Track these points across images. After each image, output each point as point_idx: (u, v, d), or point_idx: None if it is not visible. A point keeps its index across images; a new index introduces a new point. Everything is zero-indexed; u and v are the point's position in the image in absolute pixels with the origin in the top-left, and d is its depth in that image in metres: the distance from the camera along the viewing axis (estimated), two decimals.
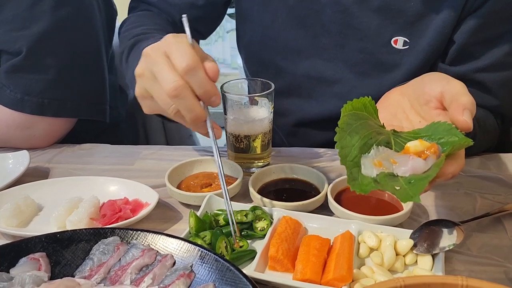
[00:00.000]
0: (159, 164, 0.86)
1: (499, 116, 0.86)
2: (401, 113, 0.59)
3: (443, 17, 0.78)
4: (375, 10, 0.81)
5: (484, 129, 0.80)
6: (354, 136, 0.52)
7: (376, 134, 0.54)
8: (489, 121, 0.83)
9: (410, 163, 0.49)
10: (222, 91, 0.77)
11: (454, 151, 0.50)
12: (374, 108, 0.56)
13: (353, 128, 0.53)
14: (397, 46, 0.82)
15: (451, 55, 0.81)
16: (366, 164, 0.50)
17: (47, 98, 0.87)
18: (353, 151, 0.51)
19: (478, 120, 0.79)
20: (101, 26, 0.95)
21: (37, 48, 0.85)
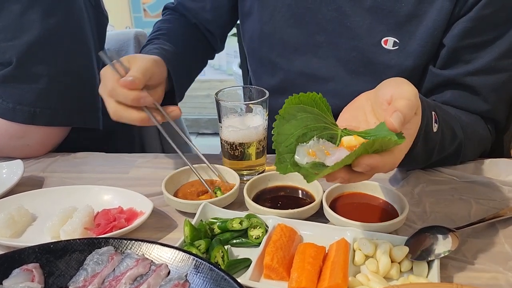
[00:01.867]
0: (154, 172, 0.85)
1: (491, 121, 0.86)
2: (361, 115, 0.59)
3: (433, 19, 0.79)
4: (367, 10, 0.82)
5: (472, 136, 0.80)
6: (294, 125, 0.54)
7: (323, 128, 0.55)
8: (478, 128, 0.83)
9: (337, 154, 0.50)
10: (216, 99, 0.77)
11: (379, 147, 0.49)
12: (327, 105, 0.57)
13: (296, 119, 0.54)
14: (387, 46, 0.83)
15: (442, 59, 0.82)
16: (300, 152, 0.52)
17: (39, 107, 0.87)
18: (290, 138, 0.54)
19: (466, 127, 0.79)
20: (91, 33, 0.95)
21: (27, 58, 0.85)
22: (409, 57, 0.82)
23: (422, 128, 0.66)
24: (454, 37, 0.79)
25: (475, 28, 0.78)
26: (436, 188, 0.77)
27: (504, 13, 0.77)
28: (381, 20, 0.82)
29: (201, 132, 3.21)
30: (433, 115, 0.69)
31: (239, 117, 0.78)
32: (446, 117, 0.75)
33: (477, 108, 0.83)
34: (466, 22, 0.78)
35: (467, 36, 0.78)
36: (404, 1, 0.80)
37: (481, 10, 0.76)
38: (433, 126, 0.69)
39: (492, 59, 0.79)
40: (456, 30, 0.79)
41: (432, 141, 0.70)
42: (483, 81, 0.80)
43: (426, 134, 0.68)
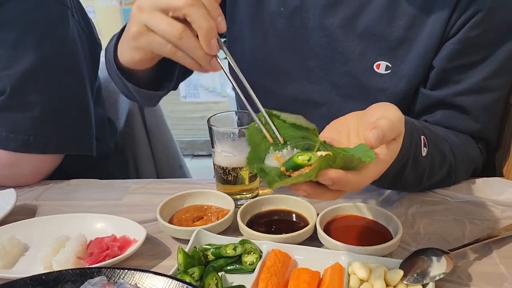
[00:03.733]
0: (148, 198, 0.85)
1: (482, 141, 0.87)
2: (345, 131, 0.59)
3: (424, 43, 0.80)
4: (358, 35, 0.83)
5: (463, 157, 0.81)
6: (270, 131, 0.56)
7: (301, 138, 0.56)
8: (469, 148, 0.84)
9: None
10: (209, 124, 0.78)
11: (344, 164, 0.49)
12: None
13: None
14: (379, 71, 0.84)
15: (432, 80, 0.83)
16: (269, 157, 0.53)
17: (33, 135, 0.87)
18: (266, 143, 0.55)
19: (456, 148, 0.80)
20: (85, 61, 0.96)
21: (21, 87, 0.85)
22: (401, 81, 0.83)
23: (411, 153, 0.67)
24: (443, 59, 0.80)
25: (463, 50, 0.79)
26: (430, 209, 0.78)
27: (491, 34, 0.78)
28: (373, 45, 0.83)
29: (196, 154, 3.21)
30: (422, 139, 0.69)
31: (231, 142, 0.78)
32: (436, 140, 0.75)
33: (468, 128, 0.83)
34: (454, 44, 0.79)
35: (455, 58, 0.80)
36: (395, 26, 0.81)
37: (468, 32, 0.78)
38: (422, 151, 0.69)
39: (480, 79, 0.80)
40: (445, 52, 0.80)
41: (421, 165, 0.71)
42: (472, 101, 0.81)
43: (415, 159, 0.68)
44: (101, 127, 1.09)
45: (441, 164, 0.77)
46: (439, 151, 0.76)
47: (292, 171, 0.50)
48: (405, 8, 0.80)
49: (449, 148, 0.78)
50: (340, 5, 0.83)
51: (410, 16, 0.80)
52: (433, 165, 0.74)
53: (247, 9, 0.91)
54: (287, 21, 0.88)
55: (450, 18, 0.78)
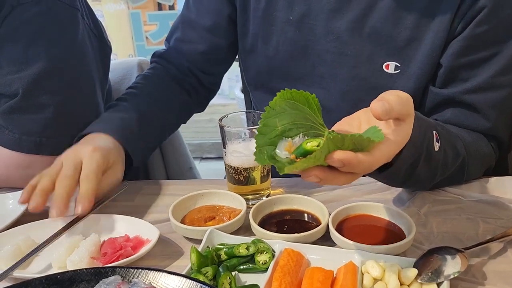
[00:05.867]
0: (160, 199, 0.86)
1: (493, 139, 0.86)
2: (356, 124, 0.59)
3: (431, 41, 0.80)
4: (366, 37, 0.83)
5: (475, 154, 0.80)
6: (281, 119, 0.53)
7: (309, 127, 0.55)
8: (481, 145, 0.83)
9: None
10: (220, 124, 0.78)
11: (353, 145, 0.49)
12: (318, 106, 0.56)
13: (285, 113, 0.54)
14: (388, 71, 0.84)
15: (440, 78, 0.83)
16: (281, 145, 0.52)
17: (45, 137, 0.88)
18: (275, 131, 0.53)
19: (469, 145, 0.79)
20: (95, 63, 0.96)
21: (33, 89, 0.86)
22: (410, 80, 0.83)
23: (424, 146, 0.66)
24: (450, 56, 0.80)
25: (470, 47, 0.79)
26: (443, 208, 0.77)
27: (498, 31, 0.78)
28: (381, 46, 0.83)
29: (204, 156, 3.21)
30: (434, 134, 0.69)
31: (243, 142, 0.78)
32: (448, 136, 0.75)
33: (479, 125, 0.83)
34: (461, 41, 0.79)
35: (462, 55, 0.80)
36: (402, 26, 0.81)
37: (473, 28, 0.78)
38: (434, 145, 0.69)
39: (489, 76, 0.80)
40: (452, 49, 0.80)
41: (434, 160, 0.70)
42: (482, 99, 0.81)
43: (428, 154, 0.68)
44: None
45: (454, 160, 0.76)
46: (452, 147, 0.75)
47: (302, 158, 0.49)
48: (411, 8, 0.80)
49: (462, 145, 0.78)
50: (346, 9, 0.84)
51: (416, 15, 0.80)
52: (447, 160, 0.74)
53: (258, 22, 0.92)
54: (296, 29, 0.89)
55: (456, 15, 0.78)
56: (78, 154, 0.78)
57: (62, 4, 0.89)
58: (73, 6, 0.91)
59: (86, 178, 0.74)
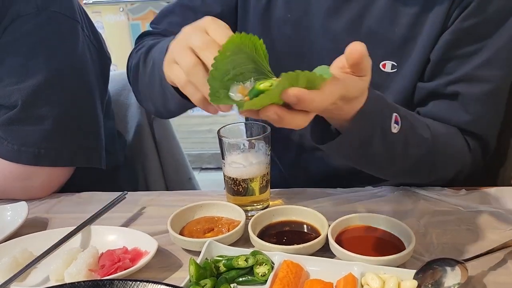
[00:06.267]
0: (159, 210, 0.85)
1: (473, 136, 0.84)
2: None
3: (425, 40, 0.81)
4: (363, 37, 0.84)
5: (445, 147, 0.80)
6: (232, 63, 0.54)
7: (260, 73, 0.56)
8: (454, 140, 0.82)
9: None
10: (219, 135, 0.78)
11: (307, 83, 0.51)
12: (265, 53, 0.57)
13: (236, 57, 0.54)
14: (385, 70, 0.85)
15: (427, 73, 0.84)
16: (233, 89, 0.54)
17: (44, 148, 0.88)
18: (227, 75, 0.54)
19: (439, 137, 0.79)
20: (95, 74, 0.97)
21: (32, 100, 0.86)
22: (406, 78, 0.84)
23: (378, 122, 0.68)
24: (437, 50, 0.81)
25: (457, 40, 0.80)
26: (442, 219, 0.77)
27: (484, 26, 0.79)
28: (377, 45, 0.84)
29: (204, 167, 3.21)
30: (393, 116, 0.69)
31: (242, 153, 0.78)
32: (414, 122, 0.75)
33: (458, 118, 0.83)
34: (448, 35, 0.80)
35: (449, 48, 0.80)
36: (398, 26, 0.82)
37: (461, 22, 0.79)
38: (391, 126, 0.69)
39: (472, 68, 0.80)
40: (440, 43, 0.81)
41: (393, 142, 0.71)
42: (463, 90, 0.81)
43: (384, 133, 0.68)
44: (111, 140, 1.10)
45: (418, 147, 0.76)
46: (416, 134, 0.75)
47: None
48: (406, 8, 0.81)
49: (429, 133, 0.77)
50: (343, 9, 0.84)
51: (411, 15, 0.81)
52: (407, 145, 0.73)
53: (257, 17, 0.92)
54: (293, 28, 0.89)
55: (448, 13, 0.79)
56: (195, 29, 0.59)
57: (62, 16, 0.90)
58: (73, 18, 0.92)
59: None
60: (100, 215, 0.79)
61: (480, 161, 0.87)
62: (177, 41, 0.61)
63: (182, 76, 0.58)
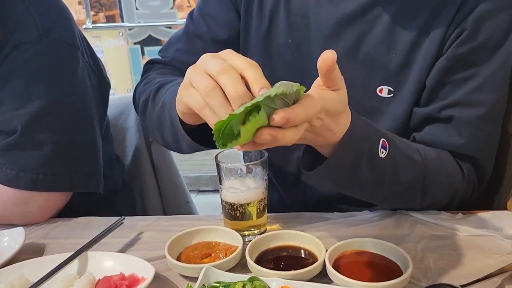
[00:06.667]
0: (156, 235, 0.85)
1: (467, 160, 0.85)
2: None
3: (421, 66, 0.83)
4: (360, 62, 0.86)
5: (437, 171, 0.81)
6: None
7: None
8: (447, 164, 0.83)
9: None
10: (216, 161, 0.79)
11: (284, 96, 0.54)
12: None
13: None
14: (382, 95, 0.86)
15: (423, 98, 0.85)
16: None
17: (42, 173, 0.89)
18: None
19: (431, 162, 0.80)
20: (94, 100, 0.98)
21: (32, 126, 0.87)
22: (402, 103, 0.86)
23: (365, 148, 0.69)
24: (433, 76, 0.83)
25: (451, 67, 0.82)
26: (440, 244, 0.77)
27: (476, 53, 0.81)
28: (374, 71, 0.86)
29: (202, 189, 3.20)
30: (380, 141, 0.71)
31: (239, 178, 0.79)
32: (403, 146, 0.76)
33: (452, 141, 0.84)
34: (443, 61, 0.82)
35: (443, 74, 0.82)
36: (395, 52, 0.84)
37: (455, 49, 0.81)
38: (379, 151, 0.70)
39: (465, 93, 0.82)
40: (435, 69, 0.83)
41: (381, 167, 0.72)
42: (456, 113, 0.83)
43: (371, 158, 0.70)
44: (109, 164, 1.10)
45: (408, 172, 0.77)
46: (405, 158, 0.76)
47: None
48: (403, 34, 0.83)
49: (420, 158, 0.79)
50: (341, 35, 0.86)
51: (408, 42, 0.83)
52: (396, 169, 0.74)
53: (258, 42, 0.94)
54: (294, 52, 0.90)
55: (443, 40, 0.81)
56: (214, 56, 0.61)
57: (63, 43, 0.91)
58: (73, 45, 0.93)
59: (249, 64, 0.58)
60: (97, 241, 0.79)
61: (476, 186, 0.88)
62: (194, 67, 0.62)
63: (199, 99, 0.59)
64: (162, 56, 1.02)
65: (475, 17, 0.79)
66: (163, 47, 1.03)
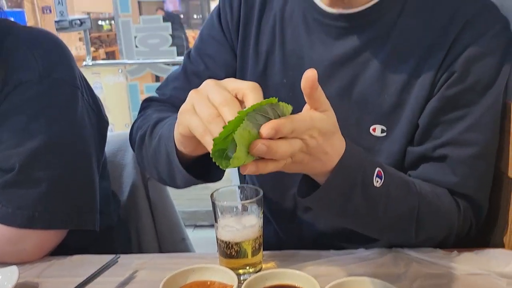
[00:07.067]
0: (151, 274, 0.85)
1: (463, 198, 0.86)
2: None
3: (413, 106, 0.85)
4: (354, 103, 0.88)
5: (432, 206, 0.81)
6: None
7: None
8: (443, 200, 0.84)
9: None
10: (212, 199, 0.79)
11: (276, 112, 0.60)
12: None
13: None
14: (375, 134, 0.88)
15: (417, 138, 0.87)
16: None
17: (38, 211, 0.89)
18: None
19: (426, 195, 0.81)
20: (93, 138, 0.99)
21: (30, 163, 0.88)
22: (396, 142, 0.87)
23: (359, 176, 0.70)
24: (426, 117, 0.85)
25: (443, 107, 0.83)
26: (435, 282, 0.77)
27: (468, 94, 0.83)
28: (368, 111, 0.88)
29: (198, 224, 3.18)
30: (376, 171, 0.72)
31: (235, 216, 0.79)
32: (398, 179, 0.78)
33: (447, 180, 0.85)
34: (434, 102, 0.84)
35: (435, 115, 0.84)
36: (387, 93, 0.86)
37: (445, 90, 0.83)
38: (374, 180, 0.71)
39: (457, 132, 0.84)
40: (427, 110, 0.85)
41: (375, 196, 0.73)
42: (450, 152, 0.84)
43: (365, 187, 0.71)
44: (106, 201, 1.11)
45: (403, 203, 0.77)
46: (400, 189, 0.77)
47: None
48: (394, 76, 0.85)
49: (416, 191, 0.80)
50: (335, 77, 0.89)
51: (399, 83, 0.85)
52: (391, 199, 0.75)
53: (254, 80, 0.95)
54: (289, 92, 0.93)
55: (434, 81, 0.83)
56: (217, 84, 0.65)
57: (64, 83, 0.93)
58: (73, 85, 0.95)
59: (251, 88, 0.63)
60: (91, 280, 0.78)
61: (473, 224, 0.88)
62: (197, 92, 0.65)
63: (201, 125, 0.62)
64: (159, 94, 1.03)
65: (464, 60, 0.81)
66: (161, 85, 1.05)
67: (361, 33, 0.87)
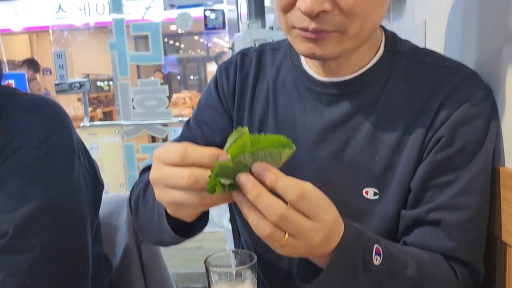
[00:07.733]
0: None
1: (460, 264, 0.85)
2: None
3: (403, 170, 0.86)
4: (346, 166, 0.89)
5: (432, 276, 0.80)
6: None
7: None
8: (440, 268, 0.83)
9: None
10: (205, 265, 0.79)
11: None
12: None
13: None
14: (368, 197, 0.89)
15: (410, 202, 0.87)
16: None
17: (29, 278, 0.87)
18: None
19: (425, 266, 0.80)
20: (88, 202, 0.99)
21: (23, 228, 0.87)
22: (388, 205, 0.88)
23: (359, 258, 0.70)
24: (417, 180, 0.86)
25: (433, 171, 0.85)
26: None
27: (457, 158, 0.84)
28: (359, 174, 0.89)
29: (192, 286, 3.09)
30: (374, 248, 0.72)
31: (228, 282, 0.78)
32: (397, 253, 0.77)
33: (443, 245, 0.84)
34: (426, 166, 0.85)
35: (427, 179, 0.85)
36: (378, 157, 0.88)
37: (434, 155, 0.84)
38: (373, 258, 0.71)
39: (449, 196, 0.84)
40: (419, 174, 0.86)
41: (377, 274, 0.72)
42: (443, 216, 0.84)
43: (366, 266, 0.70)
44: (97, 264, 1.09)
45: (404, 278, 0.76)
46: (400, 264, 0.76)
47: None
48: (384, 140, 0.88)
49: (415, 264, 0.79)
50: (327, 141, 0.91)
51: (390, 147, 0.87)
52: (392, 276, 0.74)
53: None
54: None
55: (422, 146, 0.85)
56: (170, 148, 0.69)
57: (62, 148, 0.95)
58: (71, 149, 0.97)
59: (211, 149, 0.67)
60: None
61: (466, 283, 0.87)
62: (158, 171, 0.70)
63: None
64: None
65: (450, 125, 0.84)
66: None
67: (351, 99, 0.91)
